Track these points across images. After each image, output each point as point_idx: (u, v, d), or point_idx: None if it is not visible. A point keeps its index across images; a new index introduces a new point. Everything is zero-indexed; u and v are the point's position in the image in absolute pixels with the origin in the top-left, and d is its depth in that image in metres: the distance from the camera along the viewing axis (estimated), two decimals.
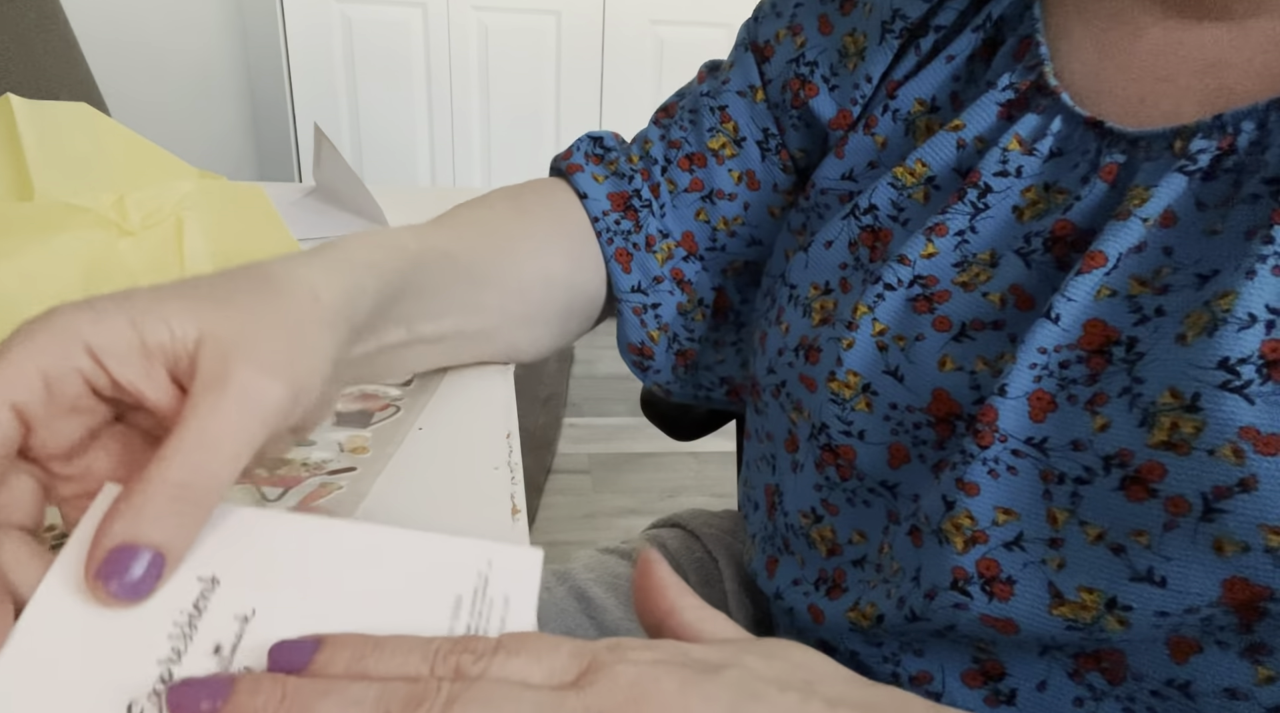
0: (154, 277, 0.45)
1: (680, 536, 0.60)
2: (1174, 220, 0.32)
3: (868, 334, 0.37)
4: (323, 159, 0.84)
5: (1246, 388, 0.27)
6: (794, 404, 0.41)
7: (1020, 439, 0.32)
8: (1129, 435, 0.29)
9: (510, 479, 0.37)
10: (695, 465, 1.85)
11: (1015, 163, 0.36)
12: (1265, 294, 0.28)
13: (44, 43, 1.02)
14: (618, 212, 0.51)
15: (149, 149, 0.51)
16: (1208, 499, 0.28)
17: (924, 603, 0.34)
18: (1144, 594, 0.29)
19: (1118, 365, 0.31)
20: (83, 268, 0.42)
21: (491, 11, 2.17)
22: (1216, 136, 0.31)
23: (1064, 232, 0.34)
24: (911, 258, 0.37)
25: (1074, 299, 0.32)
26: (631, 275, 0.51)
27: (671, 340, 0.53)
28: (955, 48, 0.40)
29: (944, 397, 0.35)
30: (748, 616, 0.52)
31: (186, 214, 0.47)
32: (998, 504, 0.32)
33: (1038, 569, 0.31)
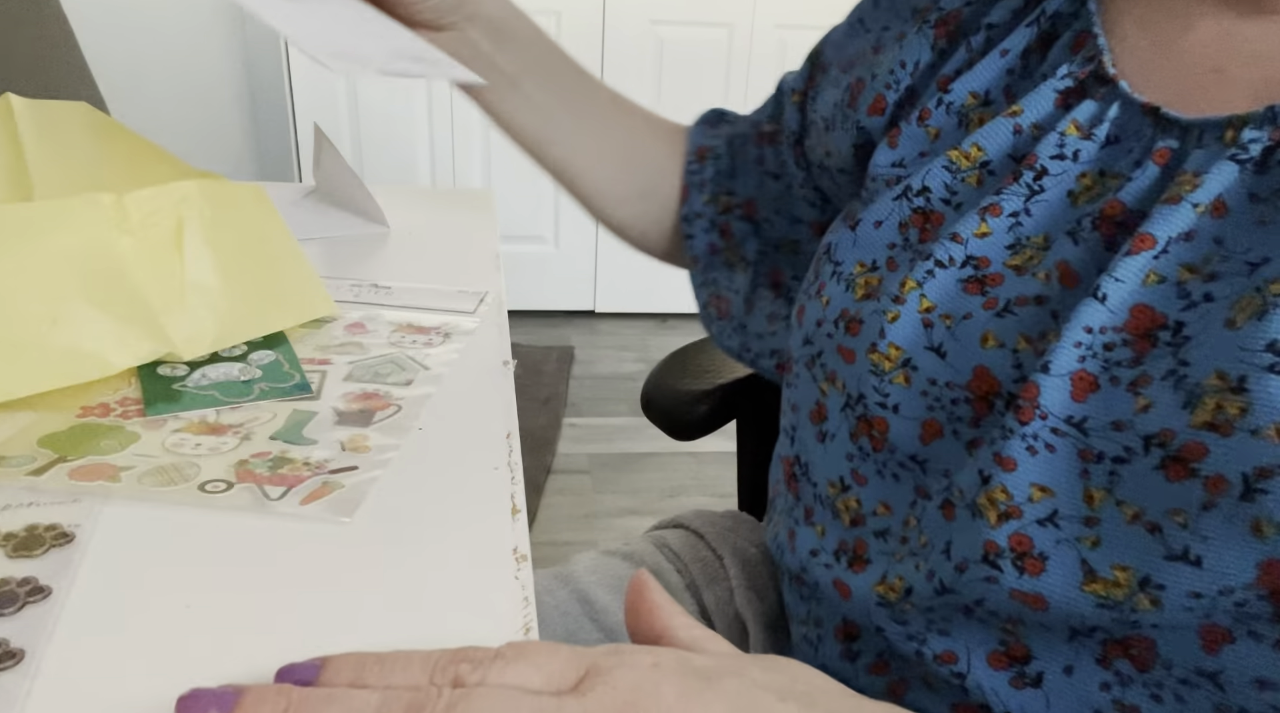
0: (154, 277, 0.45)
1: (683, 535, 0.60)
2: (1225, 211, 0.32)
3: (914, 309, 0.38)
4: (323, 159, 0.84)
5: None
6: (827, 375, 0.42)
7: (1060, 418, 0.32)
8: (1172, 416, 0.29)
9: (510, 479, 0.37)
10: (695, 465, 1.85)
11: (1072, 147, 0.37)
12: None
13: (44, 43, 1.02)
14: (696, 159, 0.60)
15: (149, 149, 0.50)
16: (1248, 479, 0.28)
17: (954, 575, 0.35)
18: (1178, 574, 0.29)
19: (1163, 349, 0.31)
20: (83, 268, 0.42)
21: None
22: (1268, 128, 0.32)
23: (1113, 212, 0.35)
24: (964, 236, 0.38)
25: (1122, 280, 0.32)
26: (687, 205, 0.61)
27: (704, 277, 0.62)
28: (1009, 42, 0.41)
29: (985, 374, 0.36)
30: (755, 612, 0.52)
31: (186, 214, 0.47)
32: (1034, 481, 0.32)
33: (1071, 547, 0.31)
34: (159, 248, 0.46)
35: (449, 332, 0.53)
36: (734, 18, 2.27)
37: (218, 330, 0.46)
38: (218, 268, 0.47)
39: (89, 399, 0.42)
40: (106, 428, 0.39)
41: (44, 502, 0.33)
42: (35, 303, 0.40)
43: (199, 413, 0.41)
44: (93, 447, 0.38)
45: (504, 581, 0.31)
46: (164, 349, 0.44)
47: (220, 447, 0.39)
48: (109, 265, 0.43)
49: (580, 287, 2.50)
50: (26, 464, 0.36)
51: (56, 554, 0.30)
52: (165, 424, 0.40)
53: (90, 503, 0.34)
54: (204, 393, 0.43)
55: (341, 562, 0.32)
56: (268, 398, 0.43)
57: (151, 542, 0.32)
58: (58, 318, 0.41)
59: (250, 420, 0.41)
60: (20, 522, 0.32)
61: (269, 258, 0.50)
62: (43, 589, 0.29)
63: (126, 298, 0.43)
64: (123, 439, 0.39)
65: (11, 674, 0.25)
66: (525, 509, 0.36)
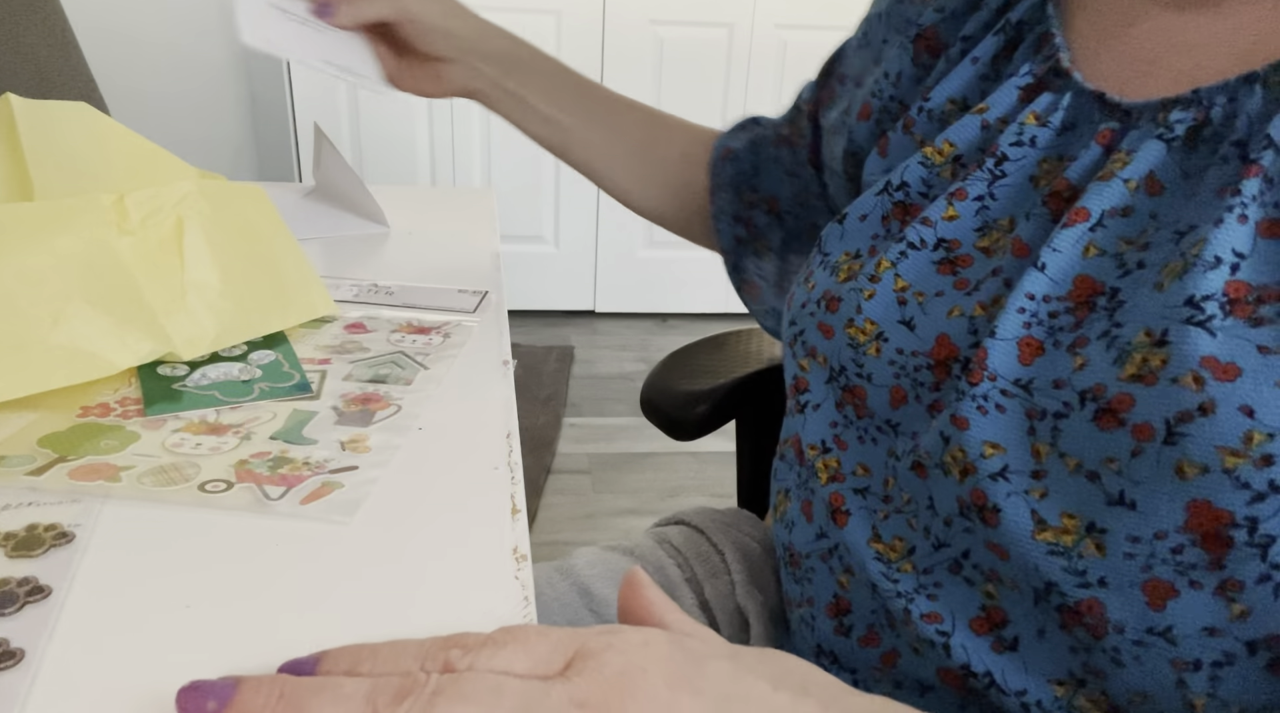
0: (154, 276, 0.45)
1: (685, 531, 0.60)
2: (1161, 189, 0.35)
3: (889, 287, 0.41)
4: (323, 159, 0.84)
5: (1209, 322, 0.30)
6: (807, 351, 0.45)
7: (1009, 380, 0.34)
8: (1104, 372, 0.32)
9: (510, 479, 0.37)
10: (695, 465, 1.85)
11: (1030, 134, 0.40)
12: (1231, 239, 0.31)
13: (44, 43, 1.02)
14: (719, 158, 0.64)
15: (149, 149, 0.50)
16: (1170, 425, 0.30)
17: (944, 529, 0.37)
18: (1118, 517, 0.31)
19: (1100, 312, 0.34)
20: (83, 268, 0.42)
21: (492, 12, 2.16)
22: (1194, 108, 0.34)
23: (1060, 188, 0.37)
24: (934, 219, 0.40)
25: (1059, 250, 0.35)
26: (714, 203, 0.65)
27: (735, 265, 0.66)
28: (979, 50, 0.44)
29: (945, 341, 0.38)
30: (756, 605, 0.53)
31: (186, 214, 0.47)
32: (985, 439, 0.35)
33: (1021, 499, 0.34)
34: (159, 248, 0.46)
35: (449, 332, 0.53)
36: (734, 18, 2.27)
37: (218, 330, 0.46)
38: (218, 268, 0.47)
39: (89, 399, 0.42)
40: (107, 428, 0.39)
41: (44, 502, 0.33)
42: (35, 303, 0.40)
43: (199, 413, 0.41)
44: (93, 447, 0.38)
45: (504, 581, 0.31)
46: (164, 349, 0.44)
47: (220, 447, 0.39)
48: (109, 265, 0.43)
49: (580, 287, 2.50)
50: (26, 464, 0.36)
51: (56, 554, 0.30)
52: (165, 424, 0.40)
53: (90, 503, 0.34)
54: (204, 393, 0.43)
55: (341, 562, 0.32)
56: (268, 398, 0.43)
57: (151, 542, 0.32)
58: (58, 318, 0.41)
59: (250, 420, 0.41)
60: (20, 522, 0.32)
61: (269, 258, 0.50)
62: (43, 589, 0.29)
63: (126, 298, 0.43)
64: (123, 439, 0.39)
65: (11, 674, 0.25)
66: (525, 509, 0.36)
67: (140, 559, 0.31)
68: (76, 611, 0.28)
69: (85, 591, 0.29)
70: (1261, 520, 0.29)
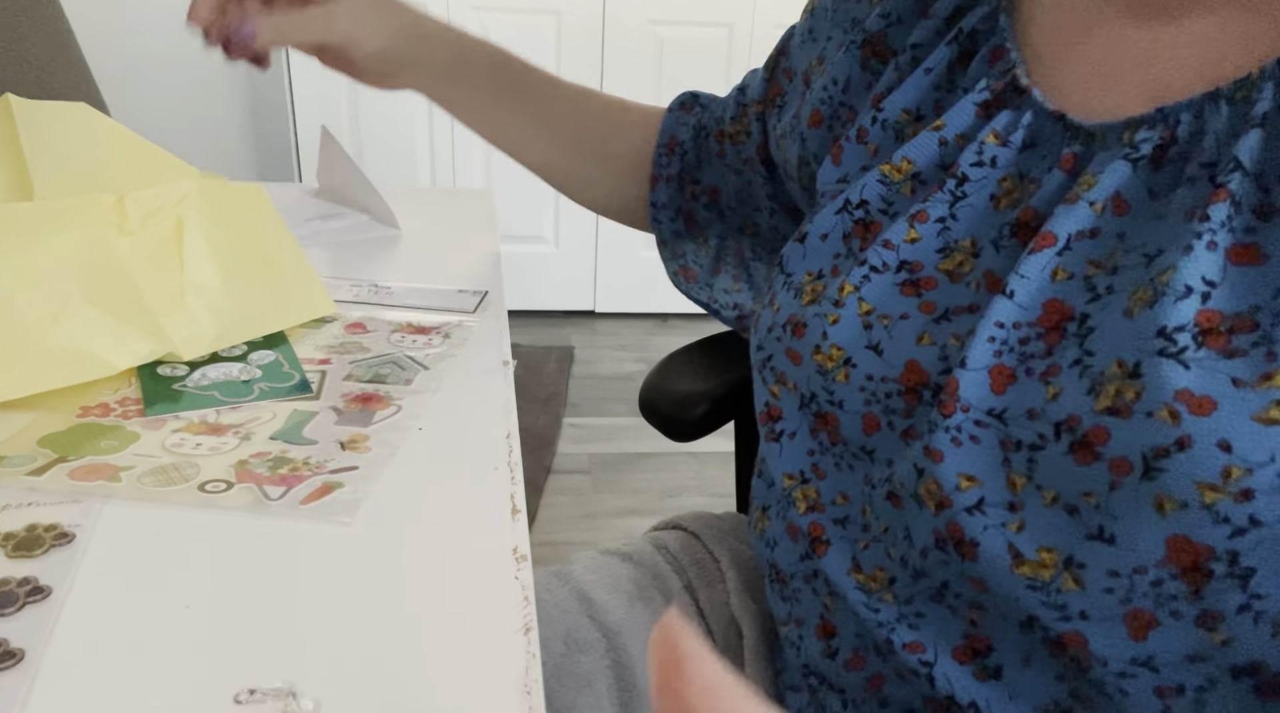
0: (154, 277, 0.45)
1: (682, 537, 0.60)
2: (1127, 208, 0.34)
3: (854, 312, 0.40)
4: (329, 160, 0.84)
5: (1182, 354, 0.29)
6: (777, 377, 0.44)
7: (982, 410, 0.34)
8: (1078, 402, 0.31)
9: (510, 479, 0.37)
10: (695, 465, 1.85)
11: (990, 153, 0.39)
12: (1201, 267, 0.30)
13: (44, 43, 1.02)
14: (665, 150, 0.63)
15: (149, 149, 0.50)
16: (1147, 459, 0.29)
17: (921, 561, 0.37)
18: (1096, 552, 0.31)
19: (1070, 339, 0.33)
20: (82, 268, 0.42)
21: (491, 11, 2.17)
22: (1160, 127, 0.34)
23: (1027, 218, 0.37)
24: (895, 243, 0.40)
25: (1027, 276, 0.34)
26: (655, 193, 0.65)
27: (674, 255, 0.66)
28: (932, 60, 0.44)
29: (915, 367, 0.38)
30: (750, 615, 0.53)
31: (186, 214, 0.47)
32: (960, 471, 0.34)
33: (998, 531, 0.33)
34: (159, 248, 0.46)
35: (449, 332, 0.53)
36: (734, 18, 2.27)
37: (218, 330, 0.46)
38: (218, 268, 0.47)
39: (89, 399, 0.42)
40: (106, 428, 0.39)
41: (44, 502, 0.33)
42: (36, 303, 0.40)
43: (199, 413, 0.41)
44: (93, 447, 0.38)
45: (504, 581, 0.31)
46: (164, 349, 0.44)
47: (220, 447, 0.39)
48: (109, 265, 0.43)
49: (580, 287, 2.50)
50: (26, 464, 0.36)
51: (56, 554, 0.30)
52: (165, 424, 0.40)
53: (90, 503, 0.34)
54: (204, 393, 0.43)
55: (341, 562, 0.32)
56: (268, 398, 0.43)
57: (151, 542, 0.32)
58: (58, 318, 0.41)
59: (250, 420, 0.41)
60: (20, 522, 0.32)
61: (269, 258, 0.50)
62: (43, 589, 0.29)
63: (126, 298, 0.43)
64: (123, 439, 0.39)
65: (11, 674, 0.25)
66: (525, 509, 0.36)
67: (140, 559, 0.31)
68: (76, 611, 0.28)
69: (85, 591, 0.29)
70: (1242, 554, 0.28)
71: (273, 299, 0.50)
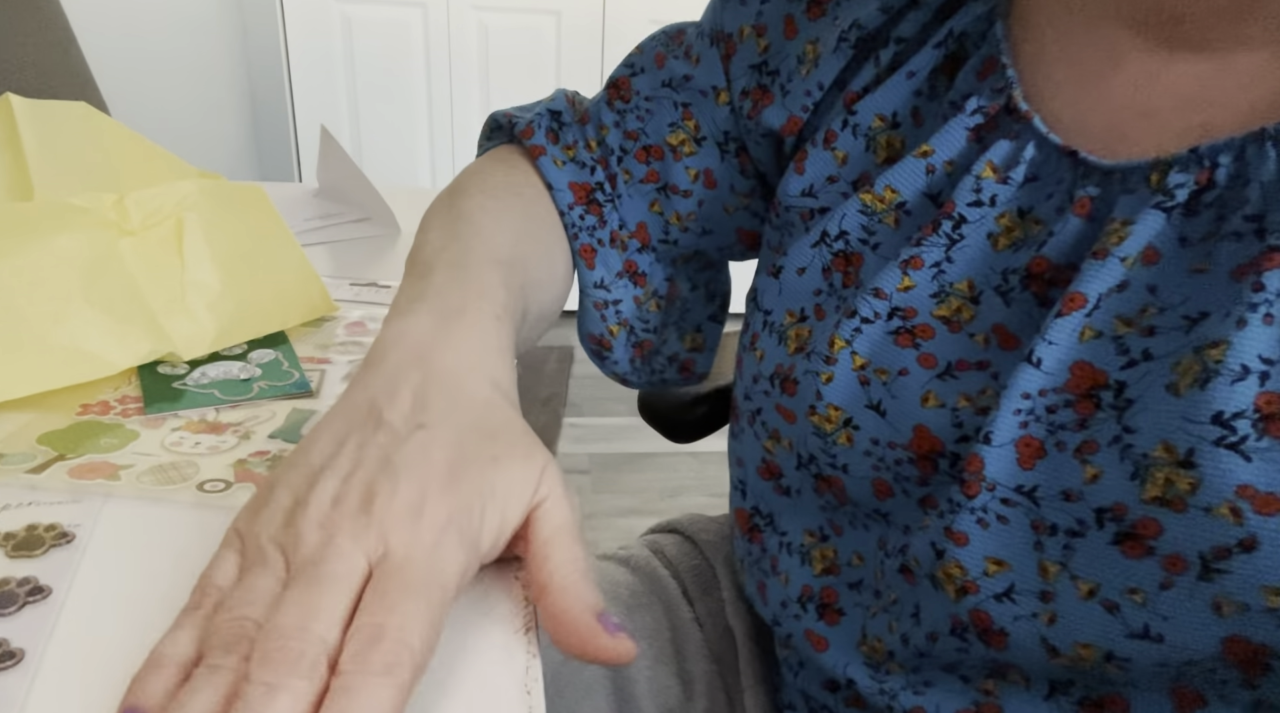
0: (154, 277, 0.45)
1: (678, 542, 0.59)
2: (1157, 257, 0.31)
3: (847, 368, 0.37)
4: (329, 161, 0.84)
5: (1242, 444, 0.26)
6: (770, 433, 0.41)
7: (1010, 487, 0.31)
8: (1121, 489, 0.29)
9: None
10: (695, 465, 1.85)
11: (990, 191, 0.35)
12: (1258, 344, 0.27)
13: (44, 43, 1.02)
14: (582, 205, 0.51)
15: (149, 149, 0.51)
16: (1206, 559, 0.27)
17: (928, 644, 0.34)
18: (1141, 649, 0.29)
19: (1107, 411, 0.30)
20: (83, 268, 0.42)
21: (491, 11, 2.17)
22: (1194, 170, 0.30)
23: (1040, 268, 0.33)
24: (888, 291, 0.37)
25: (1055, 342, 0.31)
26: (595, 271, 0.52)
27: (630, 333, 0.54)
28: (916, 63, 0.39)
29: (925, 433, 0.35)
30: (744, 625, 0.52)
31: (186, 214, 0.47)
32: (988, 554, 0.32)
33: (1029, 623, 0.31)
34: (159, 248, 0.46)
35: None
36: None
37: (217, 330, 0.46)
38: (218, 268, 0.47)
39: (89, 397, 0.42)
40: (106, 426, 0.39)
41: (44, 501, 0.33)
42: (35, 303, 0.40)
43: (198, 411, 0.41)
44: (92, 445, 0.38)
45: (504, 581, 0.31)
46: (164, 349, 0.44)
47: (220, 446, 0.39)
48: (109, 265, 0.43)
49: None
50: (25, 462, 0.36)
51: (56, 554, 0.30)
52: (165, 422, 0.40)
53: (90, 503, 0.34)
54: (203, 391, 0.43)
55: None
56: (267, 397, 0.43)
57: (151, 542, 0.32)
58: (58, 318, 0.41)
59: (250, 419, 0.41)
60: (20, 522, 0.32)
61: (269, 258, 0.51)
62: (42, 589, 0.29)
63: (127, 298, 0.43)
64: (122, 437, 0.39)
65: (11, 674, 0.25)
66: None
67: (140, 559, 0.31)
68: (76, 611, 0.28)
69: (85, 591, 0.29)
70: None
71: (273, 299, 0.50)
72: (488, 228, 0.43)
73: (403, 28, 2.18)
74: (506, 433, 0.30)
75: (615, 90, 0.51)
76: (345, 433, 0.29)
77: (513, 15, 2.17)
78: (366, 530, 0.26)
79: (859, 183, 0.41)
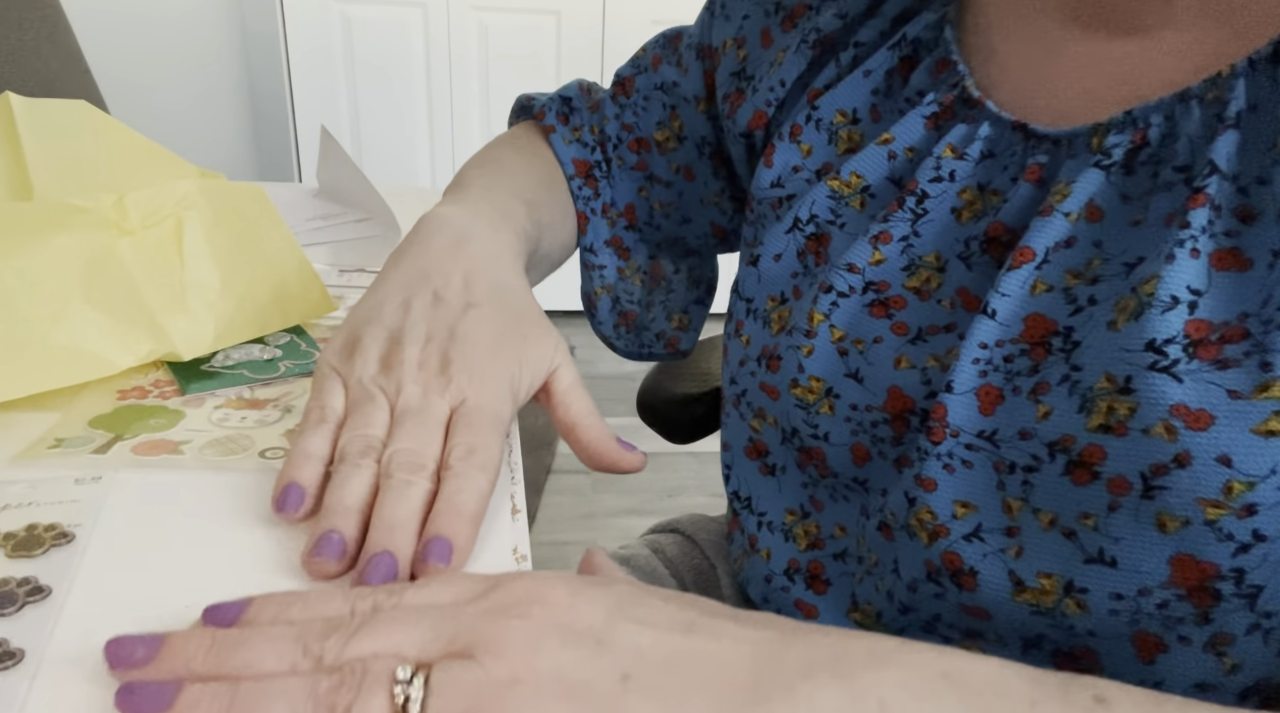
0: (154, 276, 0.45)
1: (679, 542, 0.60)
2: (1101, 215, 0.33)
3: (827, 340, 0.39)
4: (328, 161, 0.84)
5: (1174, 367, 0.29)
6: (755, 412, 0.43)
7: (972, 433, 0.33)
8: (1070, 421, 0.31)
9: (510, 479, 0.37)
10: (695, 465, 1.85)
11: (948, 168, 0.38)
12: (1185, 276, 0.29)
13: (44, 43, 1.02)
14: (581, 178, 0.59)
15: (149, 149, 0.50)
16: (1146, 478, 0.29)
17: (909, 595, 0.36)
18: (1098, 575, 0.30)
19: (1056, 355, 0.32)
20: (83, 268, 0.42)
21: (491, 11, 2.17)
22: (1129, 131, 0.33)
23: (997, 233, 0.36)
24: (860, 266, 0.39)
25: (1007, 294, 0.34)
26: (587, 237, 0.60)
27: (614, 301, 0.61)
28: (872, 63, 0.42)
29: (898, 393, 0.37)
30: None
31: (186, 214, 0.47)
32: (955, 498, 0.33)
33: (997, 558, 0.33)
34: (159, 248, 0.46)
35: None
36: None
37: (217, 330, 0.46)
38: (218, 268, 0.47)
39: (124, 383, 0.43)
40: (150, 409, 0.41)
41: (44, 501, 0.33)
42: (35, 303, 0.40)
43: (234, 390, 0.43)
44: (143, 425, 0.39)
45: None
46: (164, 349, 0.44)
47: (265, 419, 0.40)
48: (109, 265, 0.43)
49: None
50: (86, 445, 0.37)
51: (56, 554, 0.30)
52: (205, 402, 0.41)
53: (90, 503, 0.34)
54: (234, 372, 0.45)
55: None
56: (294, 375, 0.45)
57: (151, 542, 0.32)
58: (58, 318, 0.41)
59: (284, 395, 0.43)
60: (20, 522, 0.32)
61: (269, 258, 0.51)
62: (42, 589, 0.29)
63: (127, 298, 0.43)
64: (169, 417, 0.40)
65: (11, 674, 0.25)
66: (525, 509, 0.36)
67: (140, 559, 0.31)
68: (76, 611, 0.28)
69: (85, 591, 0.29)
70: (1248, 571, 0.28)
71: (273, 299, 0.50)
72: (517, 172, 0.54)
73: (403, 28, 2.18)
74: (530, 313, 0.39)
75: (621, 87, 0.58)
76: (408, 296, 0.38)
77: (513, 15, 2.17)
78: (447, 388, 0.34)
79: (823, 172, 0.44)
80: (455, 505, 0.31)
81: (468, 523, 0.30)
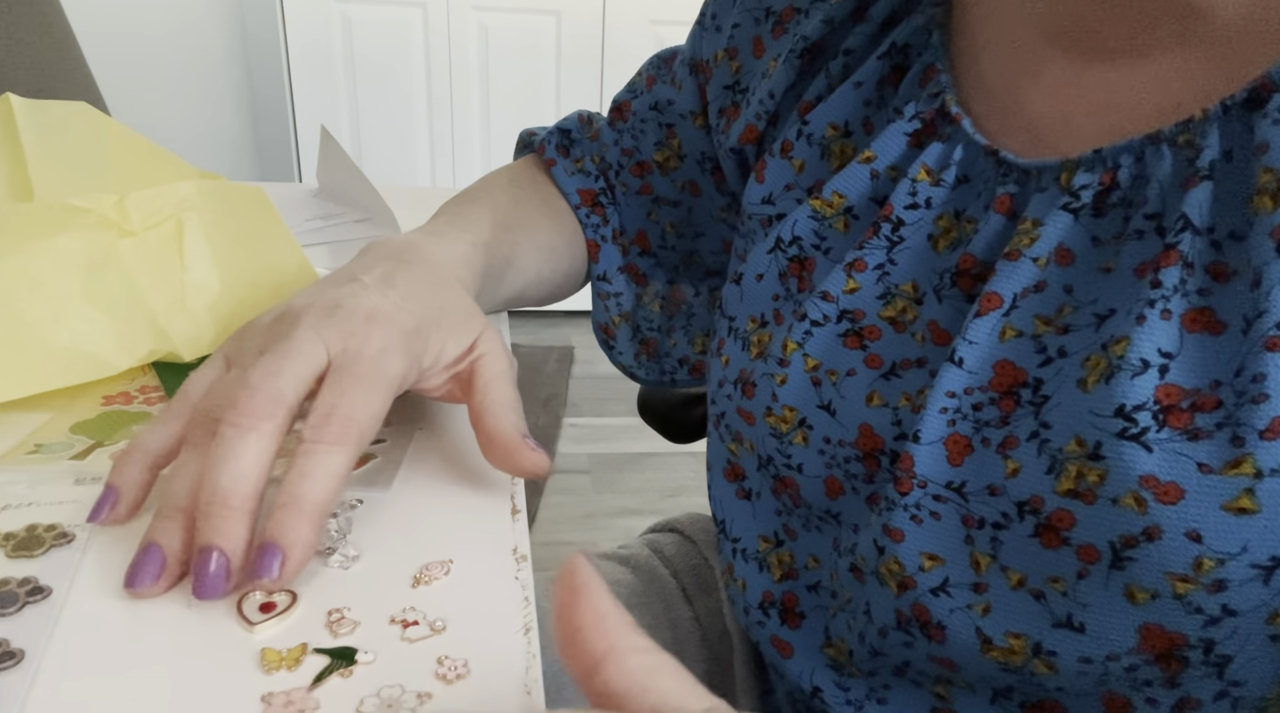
0: (154, 277, 0.45)
1: (678, 541, 0.60)
2: (1071, 258, 0.32)
3: (800, 370, 0.38)
4: (328, 161, 0.84)
5: (1144, 435, 0.28)
6: (733, 435, 0.42)
7: (940, 484, 0.32)
8: (1038, 482, 0.30)
9: (510, 479, 0.37)
10: (695, 465, 1.85)
11: (924, 194, 0.37)
12: (1157, 339, 0.28)
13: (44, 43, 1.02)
14: (587, 206, 0.58)
15: (149, 149, 0.50)
16: (1116, 548, 0.28)
17: (879, 640, 0.35)
18: (1066, 640, 0.30)
19: (1025, 408, 0.31)
20: (83, 268, 0.42)
21: (491, 11, 2.17)
22: (1098, 170, 0.31)
23: (967, 265, 0.35)
24: (834, 294, 0.38)
25: (975, 341, 0.32)
26: (599, 264, 0.59)
27: (635, 330, 0.60)
28: (862, 74, 0.41)
29: (869, 431, 0.36)
30: (740, 628, 0.52)
31: (186, 214, 0.47)
32: (923, 550, 0.33)
33: (964, 614, 0.32)
34: (159, 248, 0.46)
35: None
36: None
37: (217, 331, 0.46)
38: (218, 268, 0.47)
39: (109, 389, 0.42)
40: (134, 415, 0.40)
41: (44, 501, 0.33)
42: (35, 303, 0.40)
43: None
44: (125, 432, 0.38)
45: (504, 581, 0.31)
46: (164, 349, 0.44)
47: None
48: (109, 266, 0.43)
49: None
50: (66, 450, 0.37)
51: (56, 554, 0.30)
52: None
53: (91, 503, 0.34)
54: None
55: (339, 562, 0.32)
56: None
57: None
58: (58, 318, 0.41)
59: None
60: (20, 522, 0.32)
61: (269, 259, 0.51)
62: (43, 589, 0.29)
63: (126, 298, 0.43)
64: None
65: (11, 674, 0.25)
66: (525, 509, 0.36)
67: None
68: (76, 611, 0.28)
69: (85, 591, 0.29)
70: (1218, 642, 0.27)
71: (273, 299, 0.50)
72: (499, 196, 0.52)
73: (403, 28, 2.18)
74: (457, 302, 0.37)
75: (618, 112, 0.57)
76: (324, 287, 0.35)
77: (513, 15, 2.17)
78: (327, 326, 0.31)
79: (812, 190, 0.42)
80: (296, 496, 0.28)
81: (307, 519, 0.28)
